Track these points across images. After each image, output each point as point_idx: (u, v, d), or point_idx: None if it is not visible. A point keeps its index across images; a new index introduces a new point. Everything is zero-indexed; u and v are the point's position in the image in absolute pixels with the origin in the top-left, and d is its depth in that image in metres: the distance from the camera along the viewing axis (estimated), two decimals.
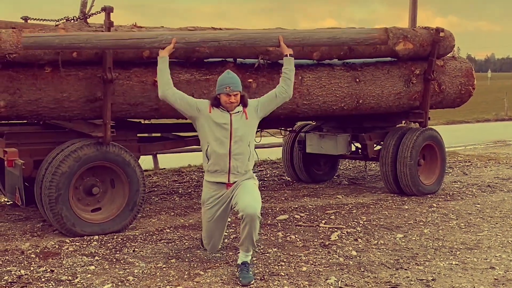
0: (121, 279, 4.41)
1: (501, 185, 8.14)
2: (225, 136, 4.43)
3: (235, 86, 4.47)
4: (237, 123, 4.46)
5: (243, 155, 4.47)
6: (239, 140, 4.44)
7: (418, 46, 7.24)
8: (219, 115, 4.46)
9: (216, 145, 4.43)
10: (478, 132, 17.24)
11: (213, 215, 4.58)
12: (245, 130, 4.50)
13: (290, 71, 4.67)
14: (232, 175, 4.45)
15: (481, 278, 4.38)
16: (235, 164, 4.43)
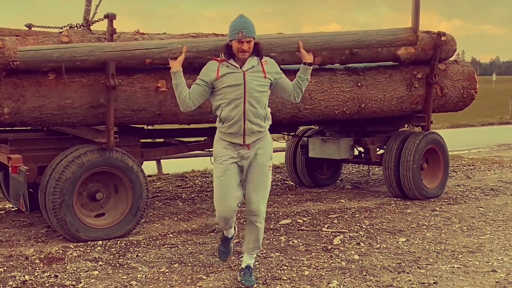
0: (124, 284, 4.44)
1: (504, 189, 8.14)
2: (238, 97, 4.09)
3: (249, 31, 4.05)
4: (252, 82, 4.11)
5: (258, 117, 4.18)
6: (253, 101, 4.12)
7: (420, 50, 7.26)
8: (230, 75, 4.09)
9: (229, 109, 4.12)
10: (482, 136, 17.22)
11: (225, 169, 4.22)
12: (260, 90, 4.15)
13: (304, 81, 4.38)
14: (248, 137, 4.18)
15: (482, 281, 4.39)
16: (250, 127, 4.15)
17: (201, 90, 4.17)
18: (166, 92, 5.92)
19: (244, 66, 4.11)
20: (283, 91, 4.36)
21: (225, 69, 4.10)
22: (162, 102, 5.93)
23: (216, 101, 4.19)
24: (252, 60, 4.14)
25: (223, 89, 4.11)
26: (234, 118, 4.11)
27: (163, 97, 5.92)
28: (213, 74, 4.11)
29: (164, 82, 5.90)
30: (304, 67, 4.38)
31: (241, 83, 4.08)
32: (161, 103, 5.94)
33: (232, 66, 4.10)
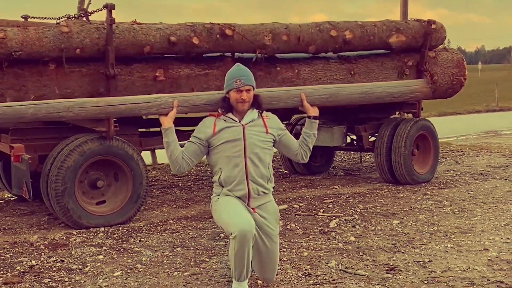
0: (129, 267, 4.58)
1: (493, 173, 8.35)
2: (238, 153, 3.69)
3: (247, 79, 3.72)
4: (253, 137, 3.72)
5: (261, 178, 3.77)
6: (255, 158, 3.72)
7: (411, 38, 7.42)
8: (228, 129, 3.71)
9: (229, 169, 3.71)
10: (469, 123, 17.48)
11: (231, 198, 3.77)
12: (262, 146, 3.76)
13: (310, 137, 3.95)
14: (253, 200, 3.77)
15: (475, 259, 4.57)
16: (254, 187, 3.74)
17: (196, 149, 3.75)
18: (164, 81, 6.04)
19: (243, 120, 3.74)
20: (288, 150, 3.95)
21: (222, 124, 3.73)
22: (160, 91, 6.01)
23: (214, 161, 3.79)
24: (252, 113, 3.77)
25: (220, 146, 3.70)
26: (236, 178, 3.69)
27: (161, 86, 6.04)
28: (209, 130, 3.72)
29: (162, 72, 6.02)
30: (309, 122, 3.97)
31: (240, 137, 3.69)
32: (159, 92, 6.02)
33: (230, 119, 3.73)
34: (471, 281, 4.08)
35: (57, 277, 4.37)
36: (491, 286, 3.98)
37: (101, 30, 5.58)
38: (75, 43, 5.46)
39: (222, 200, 3.77)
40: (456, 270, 4.32)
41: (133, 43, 5.75)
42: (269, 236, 3.85)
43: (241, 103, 3.71)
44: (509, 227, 5.46)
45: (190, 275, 4.37)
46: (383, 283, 4.08)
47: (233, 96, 3.72)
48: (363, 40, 7.12)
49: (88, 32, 5.51)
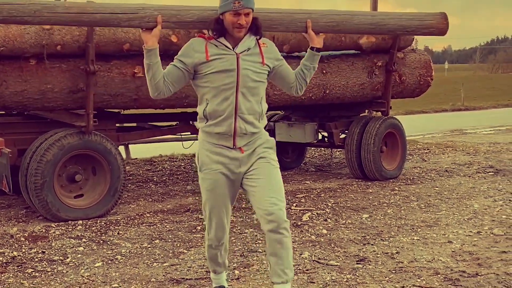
0: (110, 258, 4.72)
1: (458, 170, 8.69)
2: (229, 86, 3.23)
3: (247, 0, 3.17)
4: (247, 68, 3.25)
5: (253, 114, 3.31)
6: (248, 92, 3.27)
7: (380, 39, 7.69)
8: (221, 58, 3.22)
9: (217, 103, 3.25)
10: (436, 122, 17.93)
11: (213, 180, 3.36)
12: (257, 79, 3.29)
13: (310, 70, 3.52)
14: (239, 138, 3.31)
15: (440, 250, 4.85)
16: (242, 125, 3.28)
17: (180, 75, 3.25)
18: (143, 78, 6.15)
19: (238, 47, 3.25)
20: (283, 81, 3.49)
21: (214, 49, 3.22)
22: (138, 88, 6.18)
23: (200, 91, 3.33)
24: (249, 40, 3.28)
25: (209, 75, 3.23)
26: (224, 114, 3.26)
27: (140, 83, 6.17)
28: (199, 55, 3.21)
29: (141, 68, 6.14)
30: (311, 53, 3.52)
31: (233, 68, 3.21)
32: (137, 88, 6.19)
33: (223, 46, 3.23)
34: (436, 271, 4.34)
35: (40, 267, 4.50)
36: (454, 276, 4.24)
37: (81, 28, 5.69)
38: (56, 40, 5.56)
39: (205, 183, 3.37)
40: (422, 261, 4.59)
41: (113, 40, 5.88)
42: (265, 160, 3.35)
43: (237, 28, 3.19)
44: (472, 221, 5.76)
45: (169, 265, 4.54)
46: (353, 273, 4.32)
47: (228, 19, 3.18)
48: (335, 40, 7.35)
49: (69, 29, 5.61)
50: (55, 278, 4.27)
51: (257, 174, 3.33)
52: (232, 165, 3.35)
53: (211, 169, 3.35)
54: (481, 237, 5.22)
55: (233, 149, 3.33)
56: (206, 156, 3.37)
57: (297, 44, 7.11)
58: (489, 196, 6.85)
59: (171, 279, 4.25)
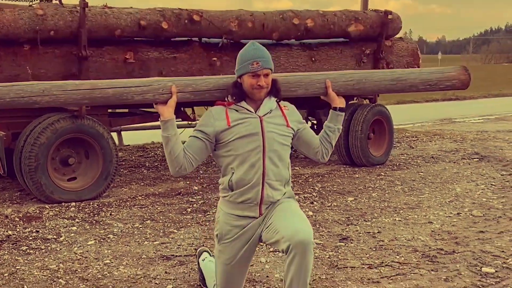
0: (102, 237, 4.89)
1: (443, 157, 8.89)
2: (255, 151, 3.03)
3: (265, 61, 3.03)
4: (272, 131, 3.06)
5: (280, 180, 3.11)
6: (275, 156, 3.07)
7: (368, 28, 7.85)
8: (243, 122, 3.03)
9: (244, 170, 3.04)
10: (426, 111, 18.11)
11: (234, 255, 3.16)
12: (282, 142, 3.10)
13: (335, 132, 3.28)
14: (265, 206, 3.10)
15: (420, 230, 5.04)
16: (269, 193, 3.08)
17: (201, 146, 3.05)
18: (134, 63, 6.32)
19: (259, 110, 3.06)
20: (307, 146, 3.26)
21: (235, 115, 3.05)
22: (130, 73, 6.32)
23: (224, 160, 3.09)
24: (270, 102, 3.10)
25: (233, 142, 3.03)
26: (251, 181, 3.04)
27: (131, 68, 6.32)
28: (220, 123, 3.03)
29: (132, 54, 6.30)
30: (334, 114, 3.28)
31: (257, 131, 3.03)
32: (129, 74, 6.33)
33: (244, 110, 3.06)
34: (415, 249, 4.53)
35: (34, 245, 4.66)
36: (432, 253, 4.44)
37: (74, 13, 5.82)
38: (49, 25, 5.69)
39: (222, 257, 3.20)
40: (402, 239, 4.78)
41: (105, 26, 6.01)
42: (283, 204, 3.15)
43: (257, 89, 3.03)
44: (453, 203, 5.96)
45: (160, 243, 4.72)
46: (336, 250, 4.51)
47: (247, 81, 3.03)
48: (324, 28, 7.51)
49: (61, 15, 5.75)
50: (49, 255, 4.43)
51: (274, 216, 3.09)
52: (253, 231, 3.14)
53: (231, 240, 3.15)
54: (460, 218, 5.42)
55: (257, 218, 3.11)
56: (226, 228, 3.16)
57: (286, 32, 7.26)
58: (472, 181, 7.05)
59: (161, 256, 4.43)
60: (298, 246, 2.86)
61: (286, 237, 2.90)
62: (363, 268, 4.14)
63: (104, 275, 4.03)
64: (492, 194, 6.33)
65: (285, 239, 2.89)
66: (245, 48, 3.09)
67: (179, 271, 4.10)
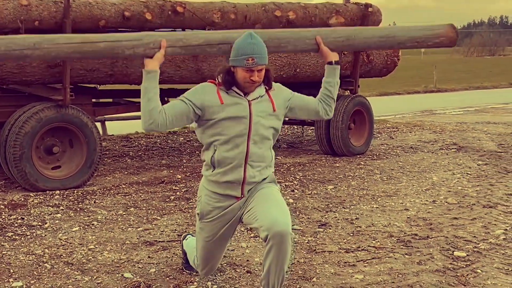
0: (86, 223, 5.00)
1: (422, 147, 9.08)
2: (240, 134, 3.10)
3: (261, 57, 3.05)
4: (259, 116, 3.13)
5: (263, 161, 3.19)
6: (259, 140, 3.14)
7: (349, 20, 7.99)
8: (233, 104, 3.09)
9: (227, 150, 3.11)
10: (408, 103, 18.36)
11: (214, 233, 3.29)
12: (268, 126, 3.17)
13: (334, 86, 3.35)
14: (247, 186, 3.19)
15: (396, 217, 5.21)
16: (252, 173, 3.16)
17: (184, 110, 3.07)
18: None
19: (249, 95, 3.14)
20: (306, 111, 3.35)
21: (226, 96, 3.10)
22: (114, 63, 6.41)
23: (207, 137, 3.15)
24: (259, 88, 3.17)
25: (221, 122, 3.08)
26: (233, 161, 3.11)
27: (115, 59, 6.39)
28: (210, 98, 3.08)
29: None
30: (331, 68, 3.35)
31: (246, 115, 3.10)
32: (113, 64, 6.42)
33: (234, 93, 3.12)
34: (390, 234, 4.70)
35: (19, 231, 4.75)
36: (407, 238, 4.60)
37: (58, 4, 5.89)
38: (34, 16, 5.76)
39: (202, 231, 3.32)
40: (378, 225, 4.94)
41: (89, 17, 6.09)
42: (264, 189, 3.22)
43: (250, 83, 3.08)
44: (429, 191, 6.14)
45: (143, 230, 4.83)
46: (314, 236, 4.66)
47: (241, 74, 3.06)
48: (306, 20, 7.64)
49: (46, 5, 5.81)
50: (35, 241, 4.53)
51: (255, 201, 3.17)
52: (234, 213, 3.24)
53: (212, 220, 3.26)
54: (435, 205, 5.60)
55: (240, 198, 3.20)
56: (207, 208, 3.25)
57: (268, 24, 7.37)
58: (449, 170, 7.24)
59: (145, 241, 4.54)
60: (275, 237, 2.96)
61: (264, 226, 2.99)
62: (340, 253, 4.29)
63: (89, 260, 4.14)
64: (467, 183, 6.53)
65: (264, 229, 2.99)
66: (243, 39, 3.08)
67: (162, 256, 4.22)
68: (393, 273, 3.88)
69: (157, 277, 3.82)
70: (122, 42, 3.13)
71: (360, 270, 3.95)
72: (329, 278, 3.80)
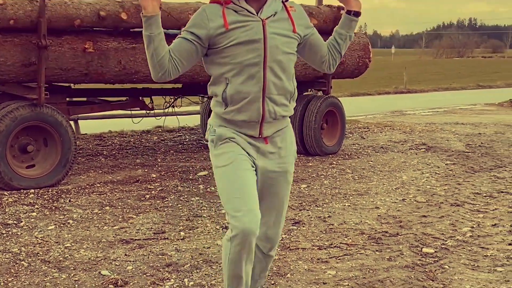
0: (62, 222, 5.03)
1: (392, 147, 9.29)
2: (255, 61, 2.61)
3: None
4: (276, 38, 2.64)
5: (283, 94, 2.72)
6: (277, 67, 2.66)
7: (322, 22, 8.13)
8: (243, 25, 2.59)
9: (241, 82, 2.63)
10: (378, 104, 18.64)
11: (235, 154, 2.69)
12: (287, 50, 2.68)
13: (346, 39, 2.91)
14: (267, 125, 2.73)
15: (367, 215, 5.36)
16: (272, 109, 2.69)
17: (191, 49, 2.63)
18: (93, 53, 6.43)
19: (262, 12, 2.64)
20: (315, 55, 2.88)
21: (233, 16, 2.60)
22: (89, 62, 6.43)
23: (217, 69, 2.68)
24: (275, 2, 2.68)
25: (230, 48, 2.60)
26: (249, 95, 2.64)
27: (90, 58, 6.42)
28: (215, 24, 2.59)
29: (91, 44, 6.40)
30: (348, 18, 2.88)
31: (259, 38, 2.60)
32: (88, 63, 6.44)
33: (245, 11, 2.61)
34: (362, 232, 4.84)
35: None
36: (377, 235, 4.75)
37: (34, 3, 5.89)
38: (9, 15, 5.75)
39: (221, 159, 2.70)
40: (350, 223, 5.08)
41: (65, 16, 6.10)
42: (284, 174, 2.86)
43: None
44: (399, 190, 6.31)
45: (119, 228, 4.88)
46: (288, 233, 4.77)
47: None
48: None
49: (21, 4, 5.81)
50: (11, 239, 4.55)
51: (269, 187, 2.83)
52: (253, 153, 2.75)
53: (228, 141, 2.71)
54: (405, 203, 5.76)
55: (258, 138, 2.74)
56: (224, 131, 2.73)
57: None
58: (418, 169, 7.44)
59: (121, 239, 4.60)
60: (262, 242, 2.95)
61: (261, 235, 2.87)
62: (314, 249, 4.41)
63: (66, 258, 4.18)
64: (436, 182, 6.72)
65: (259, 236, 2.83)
66: None
67: (139, 254, 4.28)
68: (364, 269, 4.02)
69: (134, 274, 3.88)
70: None
71: (332, 266, 4.07)
72: (303, 274, 3.91)
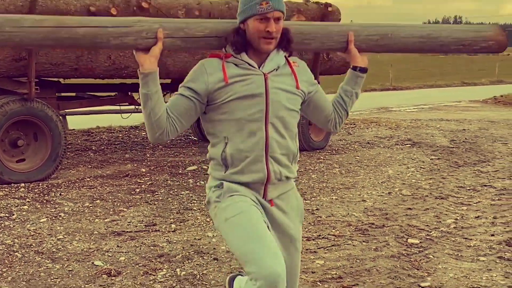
0: (54, 215, 5.08)
1: (379, 142, 9.42)
2: (256, 116, 2.43)
3: (278, 1, 2.39)
4: (279, 93, 2.46)
5: (286, 154, 2.51)
6: (280, 124, 2.47)
7: (310, 19, 8.21)
8: (244, 79, 2.42)
9: (241, 139, 2.43)
10: (365, 100, 18.71)
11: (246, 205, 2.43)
12: (290, 107, 2.50)
13: (352, 97, 2.69)
14: (272, 187, 2.51)
15: (354, 208, 5.47)
16: (276, 169, 2.48)
17: (189, 107, 2.43)
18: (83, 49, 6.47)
19: (264, 66, 2.47)
20: (318, 113, 2.68)
21: (234, 70, 2.43)
22: (79, 58, 6.48)
23: (214, 127, 2.48)
24: (277, 56, 2.50)
25: (229, 103, 2.42)
26: (251, 154, 2.43)
27: (80, 53, 6.46)
28: (214, 79, 2.40)
29: None
30: (353, 75, 2.70)
31: (261, 92, 2.43)
32: (77, 58, 6.48)
33: (246, 64, 2.44)
34: (349, 223, 4.95)
35: None
36: (364, 227, 4.86)
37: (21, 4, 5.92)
38: (0, 10, 5.77)
39: (230, 209, 2.43)
40: (338, 215, 5.19)
41: (55, 12, 6.11)
42: (290, 240, 2.59)
43: (266, 38, 2.39)
44: (385, 184, 6.43)
45: (110, 221, 4.95)
46: None
47: (254, 26, 2.38)
48: None
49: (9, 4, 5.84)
50: (3, 231, 4.60)
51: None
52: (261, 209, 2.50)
53: (239, 195, 2.45)
54: (391, 197, 5.89)
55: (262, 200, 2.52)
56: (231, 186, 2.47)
57: None
58: (403, 164, 7.57)
59: (113, 231, 4.67)
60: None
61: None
62: (302, 240, 4.48)
63: (59, 249, 4.25)
64: (421, 176, 6.85)
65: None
66: None
67: (131, 245, 4.36)
68: (352, 258, 4.13)
69: (126, 265, 3.96)
70: (107, 28, 2.37)
71: (321, 256, 4.17)
72: None
